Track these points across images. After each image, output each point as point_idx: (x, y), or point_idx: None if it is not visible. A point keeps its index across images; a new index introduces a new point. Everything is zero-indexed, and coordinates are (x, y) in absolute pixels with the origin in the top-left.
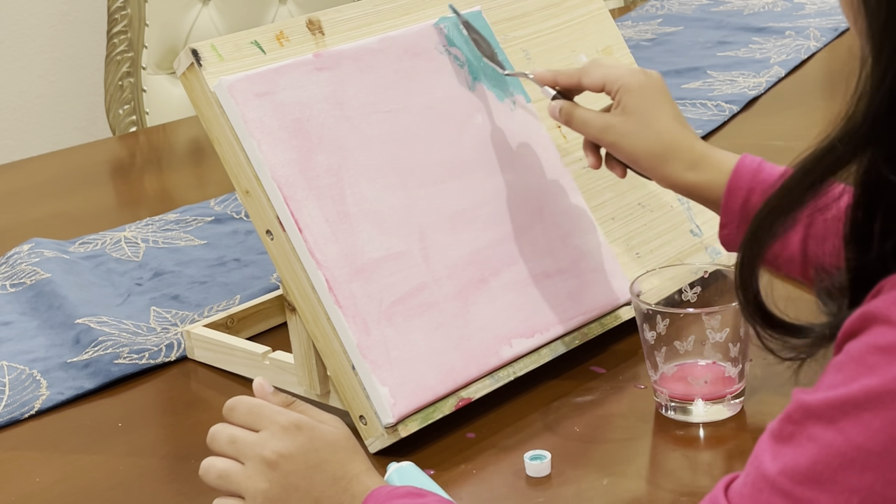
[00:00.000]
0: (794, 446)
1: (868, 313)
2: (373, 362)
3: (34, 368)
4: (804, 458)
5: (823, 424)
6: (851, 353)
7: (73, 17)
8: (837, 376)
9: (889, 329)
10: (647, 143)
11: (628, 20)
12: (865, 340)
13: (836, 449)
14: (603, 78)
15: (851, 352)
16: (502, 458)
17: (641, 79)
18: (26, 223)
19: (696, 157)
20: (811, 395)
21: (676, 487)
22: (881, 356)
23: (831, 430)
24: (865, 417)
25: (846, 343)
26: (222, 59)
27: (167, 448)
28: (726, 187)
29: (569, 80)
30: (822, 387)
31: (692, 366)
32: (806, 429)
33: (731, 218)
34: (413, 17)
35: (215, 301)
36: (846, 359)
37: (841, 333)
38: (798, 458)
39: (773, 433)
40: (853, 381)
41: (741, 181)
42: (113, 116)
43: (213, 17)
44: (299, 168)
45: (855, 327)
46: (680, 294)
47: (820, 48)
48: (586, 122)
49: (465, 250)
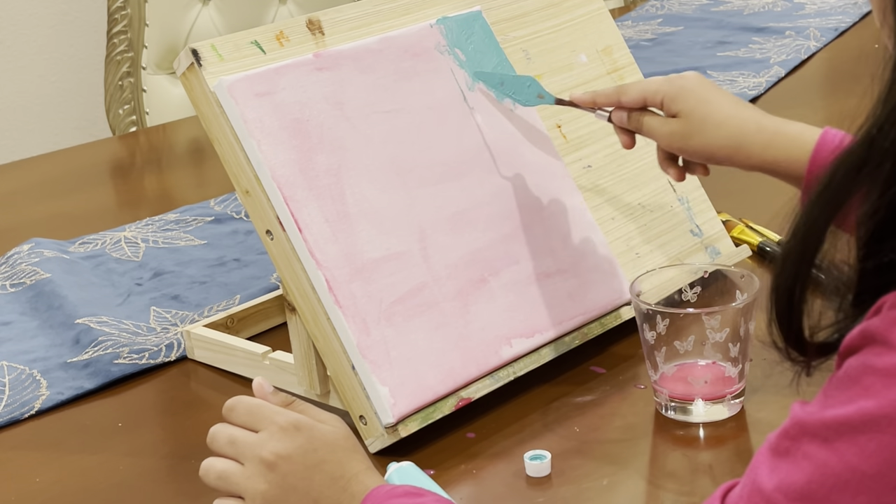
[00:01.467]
0: (791, 463)
1: (867, 331)
2: (373, 362)
3: (34, 368)
4: (799, 475)
5: (819, 443)
6: (850, 372)
7: (73, 17)
8: (836, 395)
9: (886, 351)
10: (715, 139)
11: (628, 20)
12: (863, 360)
13: (831, 469)
14: (642, 93)
15: (850, 370)
16: (502, 458)
17: (679, 83)
18: (26, 223)
19: (769, 136)
20: (809, 412)
21: (676, 487)
22: (877, 378)
23: (826, 449)
24: (861, 440)
25: (847, 358)
26: (222, 59)
27: (167, 448)
28: (808, 163)
29: (607, 100)
30: (819, 403)
31: (692, 366)
32: (802, 446)
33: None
34: (413, 17)
35: (215, 301)
36: (844, 376)
37: (842, 347)
38: (793, 476)
39: (771, 447)
40: (850, 402)
41: (821, 156)
42: (113, 116)
43: (213, 17)
44: (299, 168)
45: (855, 344)
46: (680, 294)
47: (820, 48)
48: (652, 130)
49: (465, 250)
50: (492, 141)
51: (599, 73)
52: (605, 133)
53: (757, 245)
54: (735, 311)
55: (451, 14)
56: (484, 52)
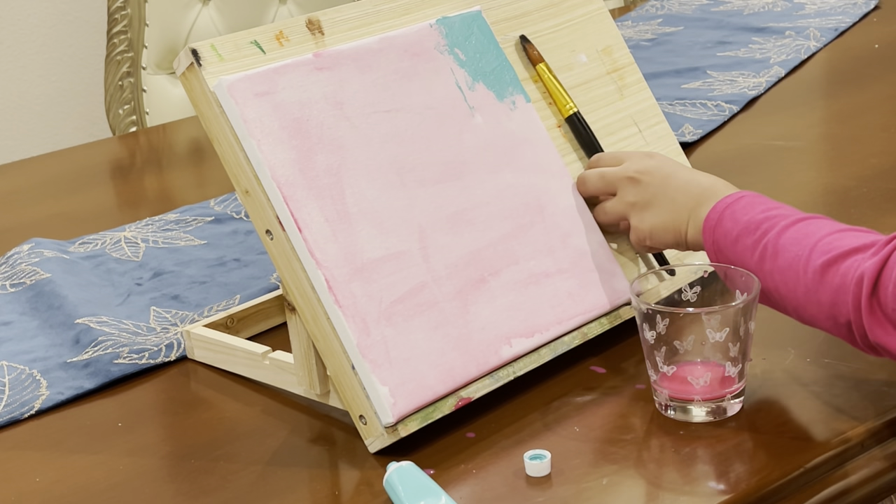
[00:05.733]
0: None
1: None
2: (372, 362)
3: (34, 368)
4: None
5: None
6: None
7: (73, 17)
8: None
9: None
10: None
11: (628, 20)
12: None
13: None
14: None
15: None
16: (502, 457)
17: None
18: (26, 223)
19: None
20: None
21: (676, 487)
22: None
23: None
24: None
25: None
26: (222, 59)
27: (167, 448)
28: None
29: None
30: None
31: (692, 366)
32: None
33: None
34: (413, 17)
35: (215, 301)
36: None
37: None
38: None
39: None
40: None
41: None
42: (113, 116)
43: (213, 17)
44: (299, 168)
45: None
46: (680, 294)
47: (820, 48)
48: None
49: (465, 250)
50: (492, 141)
51: (599, 73)
52: (606, 133)
53: None
54: (735, 311)
55: (451, 14)
56: (484, 52)
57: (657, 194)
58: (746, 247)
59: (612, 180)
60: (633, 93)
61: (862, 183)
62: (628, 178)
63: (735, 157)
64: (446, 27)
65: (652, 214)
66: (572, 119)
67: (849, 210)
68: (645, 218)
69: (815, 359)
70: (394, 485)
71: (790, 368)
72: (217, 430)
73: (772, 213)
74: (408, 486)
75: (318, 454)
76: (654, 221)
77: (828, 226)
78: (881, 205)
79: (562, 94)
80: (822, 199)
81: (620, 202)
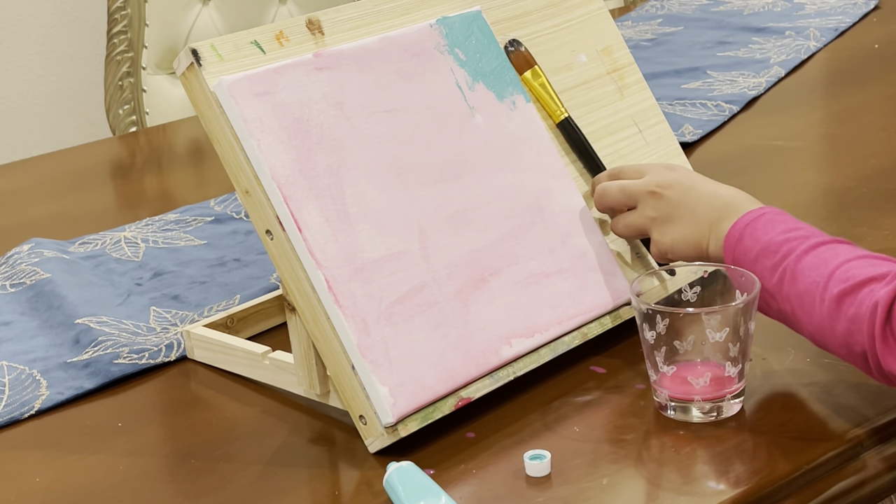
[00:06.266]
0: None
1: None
2: (372, 362)
3: (34, 368)
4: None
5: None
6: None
7: (73, 17)
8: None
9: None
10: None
11: (628, 20)
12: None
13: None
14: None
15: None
16: (502, 457)
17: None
18: (26, 223)
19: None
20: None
21: (676, 487)
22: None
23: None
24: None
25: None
26: (222, 59)
27: (167, 448)
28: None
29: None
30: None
31: (692, 366)
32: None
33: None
34: (413, 17)
35: (215, 301)
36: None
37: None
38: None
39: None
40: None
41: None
42: (113, 116)
43: (213, 17)
44: (299, 168)
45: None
46: (680, 294)
47: (820, 48)
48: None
49: (465, 250)
50: (492, 141)
51: (599, 73)
52: (606, 133)
53: None
54: (735, 311)
55: (451, 14)
56: (484, 52)
57: (678, 207)
58: (766, 267)
59: (633, 193)
60: (633, 93)
61: (862, 183)
62: (650, 193)
63: (735, 157)
64: (446, 27)
65: (673, 228)
66: (564, 125)
67: (849, 210)
68: (666, 231)
69: (815, 359)
70: (394, 485)
71: (790, 368)
72: (217, 430)
73: (791, 234)
74: (408, 486)
75: (318, 454)
76: (675, 235)
77: (845, 252)
78: (881, 205)
79: (552, 100)
80: (822, 199)
81: (641, 217)
